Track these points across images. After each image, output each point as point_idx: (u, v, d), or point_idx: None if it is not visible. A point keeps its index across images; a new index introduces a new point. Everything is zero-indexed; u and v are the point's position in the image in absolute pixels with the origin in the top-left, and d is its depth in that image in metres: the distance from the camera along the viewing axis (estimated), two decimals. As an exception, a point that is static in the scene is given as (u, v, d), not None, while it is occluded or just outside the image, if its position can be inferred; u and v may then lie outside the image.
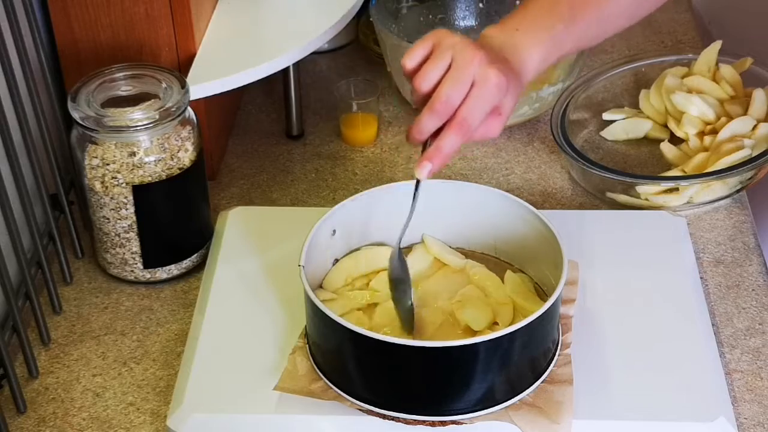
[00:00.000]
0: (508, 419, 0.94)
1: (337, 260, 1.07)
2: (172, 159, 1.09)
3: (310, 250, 0.99)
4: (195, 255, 1.16)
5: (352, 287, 1.06)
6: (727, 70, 1.33)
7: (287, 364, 0.99)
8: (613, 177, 1.22)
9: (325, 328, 0.95)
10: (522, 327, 0.91)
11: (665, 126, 1.34)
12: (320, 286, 1.06)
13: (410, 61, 0.99)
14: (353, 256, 1.08)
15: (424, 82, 0.97)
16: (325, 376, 0.97)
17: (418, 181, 0.99)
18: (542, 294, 1.05)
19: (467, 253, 1.10)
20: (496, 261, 1.09)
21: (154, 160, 1.08)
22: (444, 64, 0.97)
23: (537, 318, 0.92)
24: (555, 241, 0.99)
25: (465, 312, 1.02)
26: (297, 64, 1.30)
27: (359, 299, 1.05)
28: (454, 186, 1.08)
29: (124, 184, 1.08)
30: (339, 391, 0.96)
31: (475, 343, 0.91)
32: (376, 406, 0.95)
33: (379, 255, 1.07)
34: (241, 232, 1.16)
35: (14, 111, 1.06)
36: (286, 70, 1.31)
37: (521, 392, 0.96)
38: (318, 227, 1.02)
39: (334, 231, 1.05)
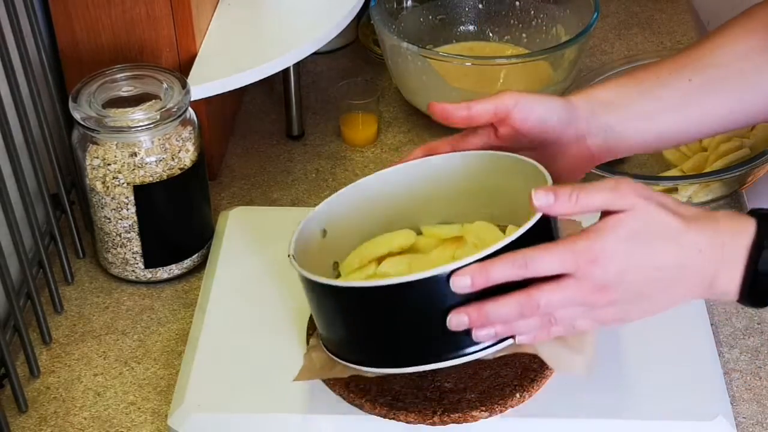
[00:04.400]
0: (533, 350, 0.88)
1: (336, 263, 1.05)
2: (173, 159, 1.10)
3: (298, 244, 0.95)
4: (196, 255, 1.16)
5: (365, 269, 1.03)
6: (726, 71, 1.33)
7: (304, 361, 0.97)
8: (612, 177, 1.22)
9: (320, 299, 0.91)
10: (525, 232, 0.84)
11: (664, 126, 1.34)
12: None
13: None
14: (371, 242, 1.03)
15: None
16: (340, 358, 0.94)
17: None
18: None
19: None
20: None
21: (155, 161, 1.09)
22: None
23: (538, 221, 0.86)
24: (539, 173, 0.93)
25: (469, 236, 0.98)
26: (297, 65, 1.30)
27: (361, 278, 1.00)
28: (436, 161, 1.01)
29: (125, 184, 1.09)
30: (356, 366, 0.92)
31: (482, 258, 0.82)
32: (394, 367, 0.90)
33: (396, 236, 1.03)
34: (242, 232, 1.16)
35: (16, 111, 1.07)
36: (286, 71, 1.31)
37: None
38: (307, 220, 0.98)
39: (325, 231, 1.01)
